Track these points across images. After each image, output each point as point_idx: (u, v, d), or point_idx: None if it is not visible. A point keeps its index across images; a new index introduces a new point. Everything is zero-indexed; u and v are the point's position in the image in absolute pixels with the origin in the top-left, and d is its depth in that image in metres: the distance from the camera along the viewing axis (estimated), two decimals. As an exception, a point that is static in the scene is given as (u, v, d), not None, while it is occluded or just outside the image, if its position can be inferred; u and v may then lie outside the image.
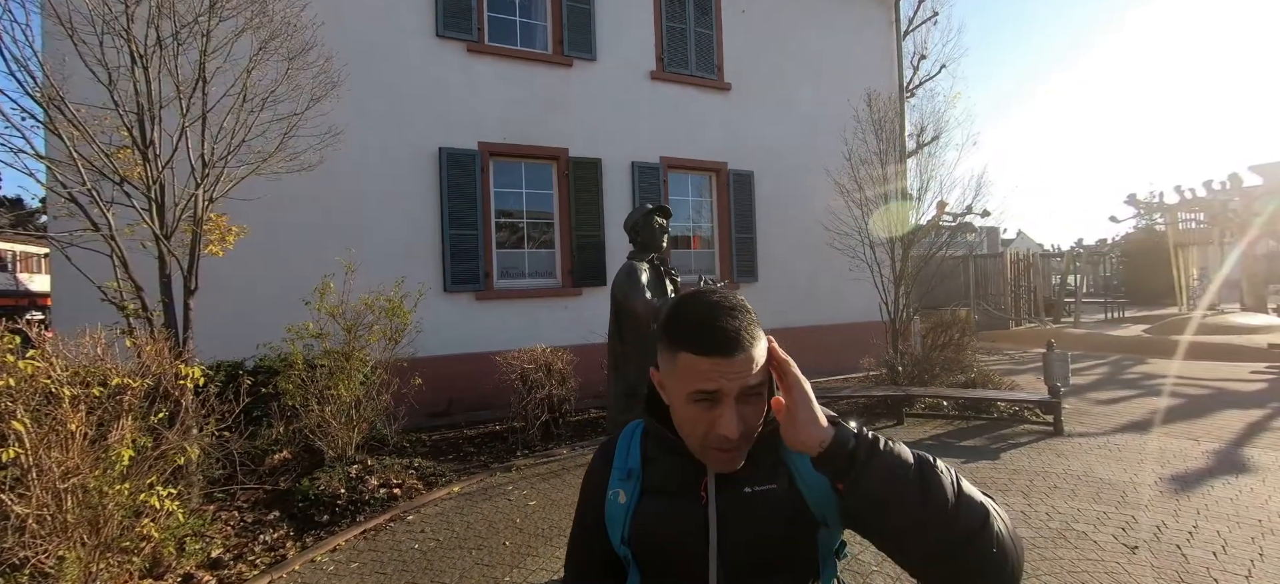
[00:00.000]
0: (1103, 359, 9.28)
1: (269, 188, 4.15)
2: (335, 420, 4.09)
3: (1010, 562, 0.64)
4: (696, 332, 0.69)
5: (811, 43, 8.50)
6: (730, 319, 0.69)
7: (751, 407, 0.71)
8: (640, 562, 0.80)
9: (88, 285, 3.28)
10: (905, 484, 0.64)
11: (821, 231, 7.26)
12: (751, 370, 0.69)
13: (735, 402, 0.69)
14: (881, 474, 0.65)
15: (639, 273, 2.49)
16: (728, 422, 0.69)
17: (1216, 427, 5.01)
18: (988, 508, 0.65)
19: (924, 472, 0.65)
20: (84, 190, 3.08)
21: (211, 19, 3.30)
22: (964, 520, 0.63)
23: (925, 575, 0.68)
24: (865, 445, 0.66)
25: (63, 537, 2.34)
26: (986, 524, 0.64)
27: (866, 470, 0.65)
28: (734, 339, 0.68)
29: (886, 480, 0.65)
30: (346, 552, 3.14)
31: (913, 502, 0.64)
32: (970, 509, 0.64)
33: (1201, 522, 3.14)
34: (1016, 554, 0.65)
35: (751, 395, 0.70)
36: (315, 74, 3.89)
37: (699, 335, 0.69)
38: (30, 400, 2.29)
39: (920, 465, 0.66)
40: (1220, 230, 14.47)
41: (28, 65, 2.89)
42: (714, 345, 0.68)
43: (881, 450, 0.66)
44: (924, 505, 0.64)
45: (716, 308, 0.70)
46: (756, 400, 0.71)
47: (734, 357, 0.68)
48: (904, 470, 0.65)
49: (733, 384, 0.68)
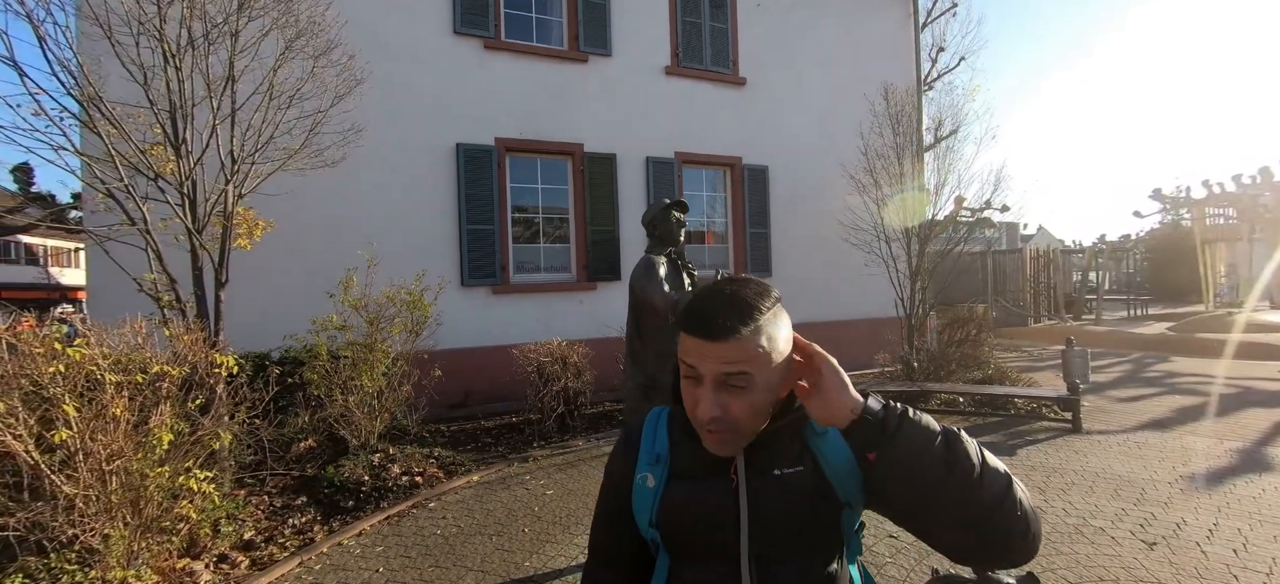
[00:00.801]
0: (1124, 357, 9.13)
1: (294, 183, 4.26)
2: (359, 410, 4.21)
3: (1032, 529, 0.67)
4: (690, 310, 0.74)
5: (827, 36, 8.44)
6: (722, 308, 0.71)
7: (734, 397, 0.72)
8: (669, 544, 0.82)
9: (122, 278, 3.41)
10: (932, 452, 0.67)
11: (837, 227, 7.24)
12: (729, 359, 0.70)
13: (715, 388, 0.72)
14: (910, 442, 0.68)
15: (657, 266, 2.53)
16: (703, 403, 0.72)
17: (1240, 425, 4.92)
18: (1011, 476, 0.68)
19: (950, 440, 0.69)
20: (121, 186, 3.20)
21: (240, 19, 3.40)
22: (989, 488, 0.67)
23: (952, 545, 0.70)
24: (894, 415, 0.69)
25: (107, 516, 2.46)
26: (1010, 491, 0.67)
27: (897, 438, 0.68)
28: (713, 324, 0.70)
29: (915, 448, 0.68)
30: (372, 536, 3.25)
31: (939, 469, 0.67)
32: (995, 477, 0.68)
33: (1222, 519, 3.11)
34: (1036, 523, 0.68)
35: (733, 386, 0.71)
36: (339, 72, 3.98)
37: (690, 313, 0.74)
38: (77, 386, 2.40)
39: (946, 435, 0.69)
40: (1250, 226, 14.07)
41: (68, 66, 3.01)
42: (695, 325, 0.72)
43: (910, 419, 0.69)
44: (950, 472, 0.67)
45: (716, 295, 0.73)
46: (741, 393, 0.72)
47: (712, 341, 0.70)
48: (931, 438, 0.68)
49: (708, 367, 0.71)
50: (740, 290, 0.74)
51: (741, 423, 0.73)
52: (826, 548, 0.80)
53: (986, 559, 0.71)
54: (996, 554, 0.69)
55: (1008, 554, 0.68)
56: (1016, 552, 0.68)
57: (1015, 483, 0.68)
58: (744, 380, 0.71)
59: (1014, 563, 0.69)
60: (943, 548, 0.71)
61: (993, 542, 0.67)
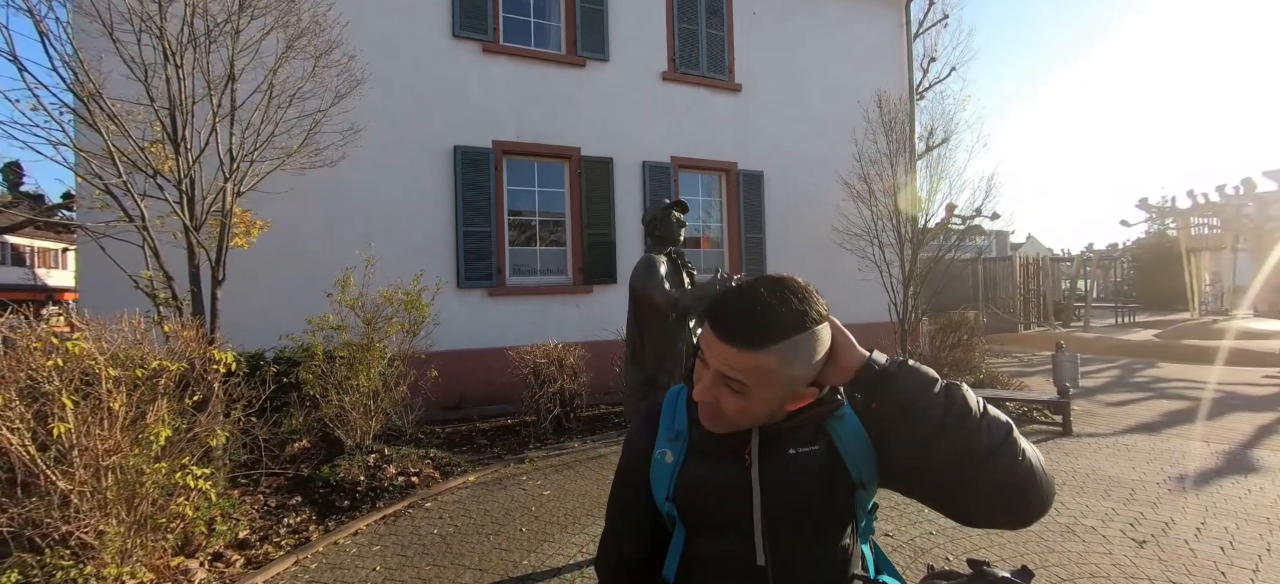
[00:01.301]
0: (1112, 363, 9.26)
1: (292, 182, 4.26)
2: (354, 410, 4.19)
3: (1038, 476, 0.69)
4: (717, 302, 0.76)
5: (821, 45, 8.55)
6: (744, 317, 0.72)
7: (729, 394, 0.74)
8: (685, 519, 0.84)
9: (114, 276, 3.39)
10: (931, 395, 0.71)
11: (831, 232, 7.32)
12: (732, 365, 0.72)
13: (714, 379, 0.75)
14: (909, 385, 0.72)
15: (657, 265, 2.56)
16: (701, 384, 0.77)
17: (1226, 429, 5.01)
18: (1011, 424, 0.71)
19: (949, 387, 0.72)
20: (119, 183, 3.20)
21: (242, 18, 3.41)
22: (989, 432, 0.69)
23: (960, 499, 0.72)
24: (895, 363, 0.74)
25: (102, 513, 2.44)
26: (1010, 437, 0.70)
27: (896, 380, 0.72)
28: (728, 328, 0.73)
29: (913, 391, 0.71)
30: (368, 535, 3.23)
31: (937, 410, 0.70)
32: (995, 424, 0.70)
33: (1209, 518, 3.17)
34: (1044, 477, 0.70)
35: (731, 386, 0.74)
36: (339, 72, 3.99)
37: (715, 305, 0.76)
38: (74, 381, 2.39)
39: (946, 383, 0.73)
40: (1234, 236, 14.35)
41: (69, 61, 3.01)
42: (713, 320, 0.75)
43: (909, 366, 0.74)
44: (948, 412, 0.70)
45: (749, 299, 0.73)
46: (737, 396, 0.74)
47: (722, 341, 0.73)
48: (930, 382, 0.72)
49: (719, 363, 0.74)
50: (775, 305, 0.72)
51: (730, 417, 0.76)
52: (839, 526, 0.82)
53: (994, 511, 0.71)
54: (1005, 504, 0.70)
55: (1016, 504, 0.70)
56: (1025, 501, 0.69)
57: (1016, 431, 0.71)
58: (741, 387, 0.73)
59: (1025, 518, 0.70)
60: (949, 507, 0.73)
61: (999, 488, 0.69)
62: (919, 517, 3.19)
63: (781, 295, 0.73)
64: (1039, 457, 0.71)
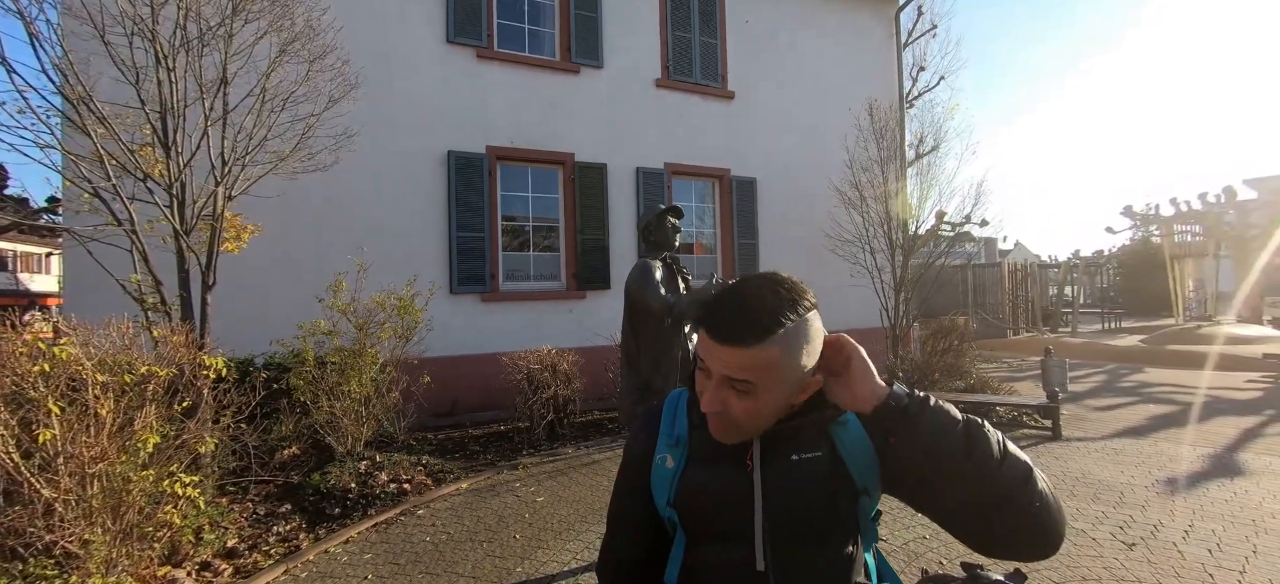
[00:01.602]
0: (1099, 368, 9.37)
1: (284, 187, 4.23)
2: (345, 417, 4.15)
3: (1053, 518, 0.68)
4: (713, 308, 0.74)
5: (813, 53, 8.65)
6: (736, 314, 0.71)
7: (736, 397, 0.73)
8: (686, 524, 0.83)
9: (100, 281, 3.35)
10: (953, 437, 0.69)
11: (823, 238, 7.38)
12: (733, 366, 0.71)
13: (718, 385, 0.74)
14: (932, 426, 0.70)
15: (652, 270, 2.57)
16: (706, 396, 0.75)
17: (1212, 433, 5.09)
18: (1031, 465, 0.69)
19: (970, 427, 0.70)
20: (108, 186, 3.16)
21: (236, 22, 3.40)
22: (1008, 473, 0.67)
23: (975, 534, 0.70)
24: (917, 401, 0.71)
25: (87, 521, 2.39)
26: (1030, 479, 0.68)
27: (918, 422, 0.70)
28: (723, 329, 0.72)
29: (936, 432, 0.69)
30: (359, 543, 3.20)
31: (959, 453, 0.68)
32: (1015, 464, 0.68)
33: (1197, 521, 3.21)
34: (1059, 515, 0.69)
35: (737, 388, 0.73)
36: (333, 77, 3.98)
37: (707, 308, 0.75)
38: (60, 387, 2.35)
39: (967, 422, 0.71)
40: (1216, 243, 14.62)
41: (60, 64, 2.97)
42: (708, 324, 0.74)
43: (932, 405, 0.71)
44: (969, 456, 0.68)
45: (737, 296, 0.73)
46: (744, 396, 0.73)
47: (720, 343, 0.72)
48: (953, 423, 0.70)
49: (718, 367, 0.73)
50: (765, 297, 0.72)
51: (741, 422, 0.74)
52: (842, 533, 0.80)
53: (1009, 548, 0.70)
54: (1021, 543, 0.69)
55: (1032, 544, 0.68)
56: (1041, 541, 0.68)
57: (1037, 472, 0.69)
58: (746, 387, 0.72)
59: (1039, 555, 0.69)
60: (963, 535, 0.71)
61: (1017, 529, 0.68)
62: (913, 521, 3.21)
63: (771, 288, 0.73)
64: (1053, 493, 0.70)
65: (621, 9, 7.34)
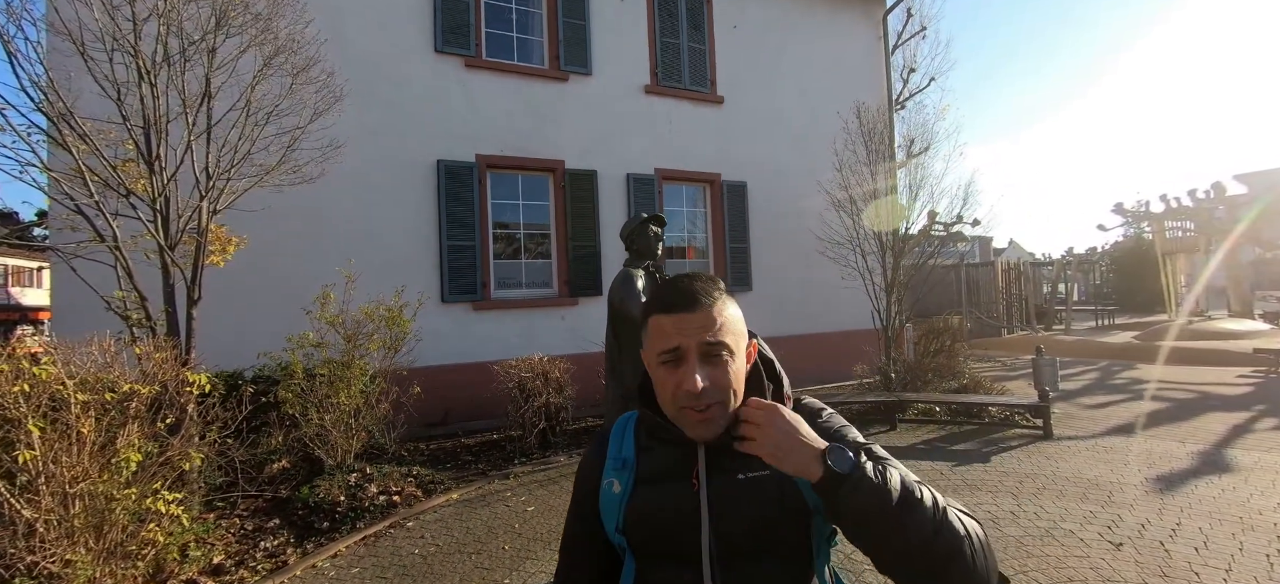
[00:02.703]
0: (1092, 365, 9.41)
1: (270, 199, 4.22)
2: (335, 429, 4.13)
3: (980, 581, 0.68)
4: (660, 293, 0.79)
5: (801, 57, 8.69)
6: (688, 282, 0.78)
7: (717, 368, 0.75)
8: (635, 549, 0.82)
9: (87, 296, 3.33)
10: (884, 517, 0.67)
11: (814, 241, 7.39)
12: (712, 327, 0.75)
13: (700, 360, 0.75)
14: (862, 508, 0.67)
15: (635, 279, 2.57)
16: (690, 376, 0.74)
17: (1201, 429, 5.11)
18: (963, 536, 0.67)
19: (905, 506, 0.68)
20: (91, 202, 3.15)
21: (218, 36, 3.39)
22: (940, 550, 0.66)
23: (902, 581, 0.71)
24: (849, 484, 0.68)
25: (69, 541, 2.37)
26: (960, 554, 0.66)
27: (847, 503, 0.68)
28: (690, 295, 0.77)
29: (866, 513, 0.67)
30: (347, 557, 3.18)
31: (891, 532, 0.67)
32: (948, 539, 0.67)
33: (1184, 519, 3.23)
34: (988, 574, 0.68)
35: (715, 356, 0.75)
36: (318, 89, 3.98)
37: (661, 295, 0.79)
38: (41, 406, 2.33)
39: (903, 501, 0.68)
40: (1206, 238, 14.72)
41: (39, 82, 2.97)
42: (672, 302, 0.77)
43: (864, 490, 0.67)
44: (901, 532, 0.67)
45: (679, 279, 0.80)
46: (721, 363, 0.76)
47: (692, 311, 0.76)
48: (886, 501, 0.67)
49: (692, 339, 0.75)
50: (696, 276, 0.81)
51: (726, 394, 0.76)
52: (794, 553, 0.80)
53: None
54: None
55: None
56: None
57: (968, 543, 0.67)
58: (723, 349, 0.76)
59: None
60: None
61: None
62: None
63: (694, 273, 0.82)
64: (987, 552, 0.69)
65: (610, 16, 7.37)
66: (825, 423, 0.85)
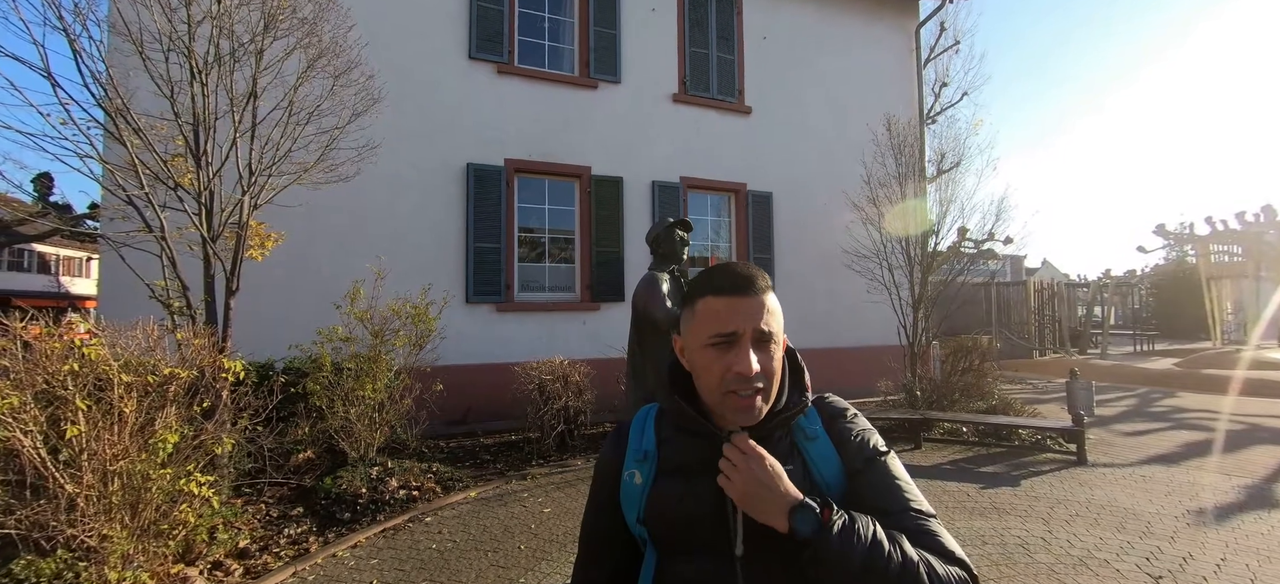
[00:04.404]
0: (1130, 391, 9.03)
1: (307, 196, 4.36)
2: (359, 422, 4.22)
3: None
4: (714, 276, 0.80)
5: (831, 69, 8.63)
6: (742, 267, 0.79)
7: (766, 354, 0.77)
8: (656, 540, 0.82)
9: (132, 284, 3.48)
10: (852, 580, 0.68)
11: (840, 254, 7.29)
12: (763, 314, 0.77)
13: (754, 345, 0.76)
14: (821, 576, 0.69)
15: (659, 282, 2.58)
16: (744, 358, 0.75)
17: (1248, 462, 4.86)
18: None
19: (868, 571, 0.67)
20: (141, 194, 3.30)
21: (266, 38, 3.54)
22: None
23: None
24: (809, 552, 0.69)
25: (107, 517, 2.47)
26: None
27: (809, 566, 0.70)
28: (748, 280, 0.78)
29: (825, 579, 0.69)
30: (367, 549, 3.23)
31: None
32: None
33: (1229, 555, 3.06)
34: None
35: (765, 342, 0.77)
36: (357, 91, 4.11)
37: (716, 278, 0.79)
38: (87, 386, 2.44)
39: (867, 566, 0.67)
40: (1256, 263, 14.04)
41: (100, 78, 3.14)
42: (730, 285, 0.78)
43: (824, 560, 0.68)
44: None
45: (731, 265, 0.81)
46: (769, 350, 0.78)
47: (749, 296, 0.77)
48: (846, 574, 0.68)
49: (748, 323, 0.76)
50: (745, 265, 0.82)
51: (771, 381, 0.77)
52: None
53: None
54: None
55: None
56: None
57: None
58: (772, 337, 0.77)
59: None
60: None
61: None
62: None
63: (737, 262, 0.83)
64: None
65: (640, 26, 7.44)
66: (847, 425, 0.84)
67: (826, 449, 0.80)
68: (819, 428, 0.83)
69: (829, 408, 0.86)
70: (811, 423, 0.84)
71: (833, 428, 0.83)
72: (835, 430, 0.83)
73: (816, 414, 0.85)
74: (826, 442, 0.81)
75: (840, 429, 0.83)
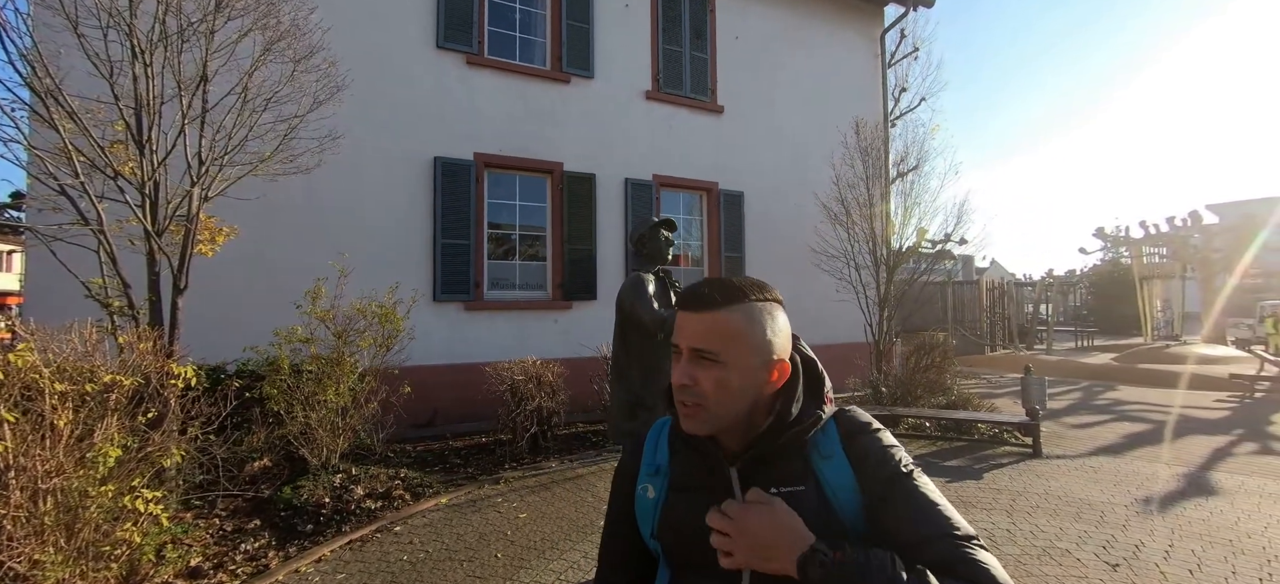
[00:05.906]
0: (1075, 385, 9.58)
1: (264, 189, 4.10)
2: (321, 428, 4.00)
3: None
4: (684, 291, 0.81)
5: (802, 71, 8.77)
6: (710, 286, 0.77)
7: (703, 370, 0.75)
8: (669, 556, 0.81)
9: (65, 282, 3.18)
10: None
11: (809, 253, 7.42)
12: (701, 332, 0.75)
13: (689, 359, 0.76)
14: None
15: (645, 283, 2.53)
16: (677, 370, 0.77)
17: (1185, 451, 5.20)
18: None
19: None
20: (75, 184, 3.01)
21: (218, 17, 3.29)
22: None
23: None
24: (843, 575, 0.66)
25: (38, 540, 2.24)
26: None
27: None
28: (699, 298, 0.77)
29: None
30: (332, 562, 3.06)
31: None
32: None
33: (1176, 541, 3.26)
34: None
35: (704, 361, 0.75)
36: (319, 78, 3.88)
37: (685, 292, 0.80)
38: (14, 396, 2.21)
39: None
40: (1182, 265, 15.13)
41: (28, 55, 2.84)
42: (686, 301, 0.78)
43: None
44: None
45: (712, 279, 0.80)
46: (710, 367, 0.74)
47: (695, 312, 0.76)
48: None
49: (685, 339, 0.76)
50: (734, 278, 0.80)
51: (708, 398, 0.73)
52: None
53: None
54: None
55: None
56: None
57: None
58: (713, 355, 0.74)
59: None
60: None
61: None
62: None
63: (743, 277, 0.81)
64: None
65: (613, 20, 7.36)
66: (866, 442, 0.79)
67: (842, 469, 0.76)
68: (836, 446, 0.78)
69: (849, 422, 0.82)
70: (828, 439, 0.79)
71: (851, 446, 0.78)
72: (853, 448, 0.78)
73: (835, 429, 0.80)
74: (843, 460, 0.77)
75: (859, 447, 0.78)
